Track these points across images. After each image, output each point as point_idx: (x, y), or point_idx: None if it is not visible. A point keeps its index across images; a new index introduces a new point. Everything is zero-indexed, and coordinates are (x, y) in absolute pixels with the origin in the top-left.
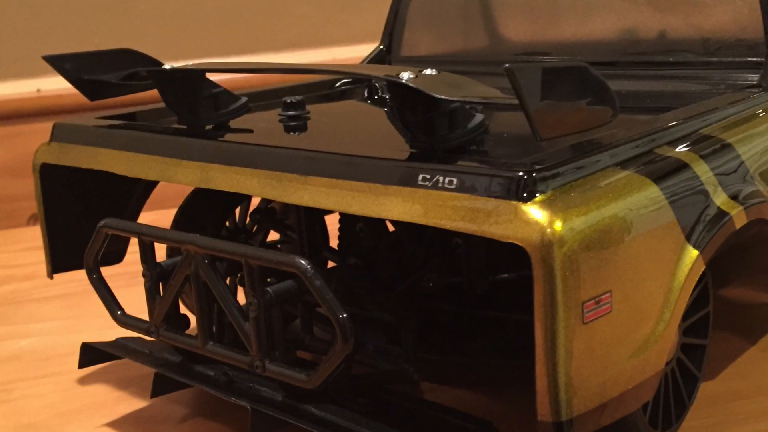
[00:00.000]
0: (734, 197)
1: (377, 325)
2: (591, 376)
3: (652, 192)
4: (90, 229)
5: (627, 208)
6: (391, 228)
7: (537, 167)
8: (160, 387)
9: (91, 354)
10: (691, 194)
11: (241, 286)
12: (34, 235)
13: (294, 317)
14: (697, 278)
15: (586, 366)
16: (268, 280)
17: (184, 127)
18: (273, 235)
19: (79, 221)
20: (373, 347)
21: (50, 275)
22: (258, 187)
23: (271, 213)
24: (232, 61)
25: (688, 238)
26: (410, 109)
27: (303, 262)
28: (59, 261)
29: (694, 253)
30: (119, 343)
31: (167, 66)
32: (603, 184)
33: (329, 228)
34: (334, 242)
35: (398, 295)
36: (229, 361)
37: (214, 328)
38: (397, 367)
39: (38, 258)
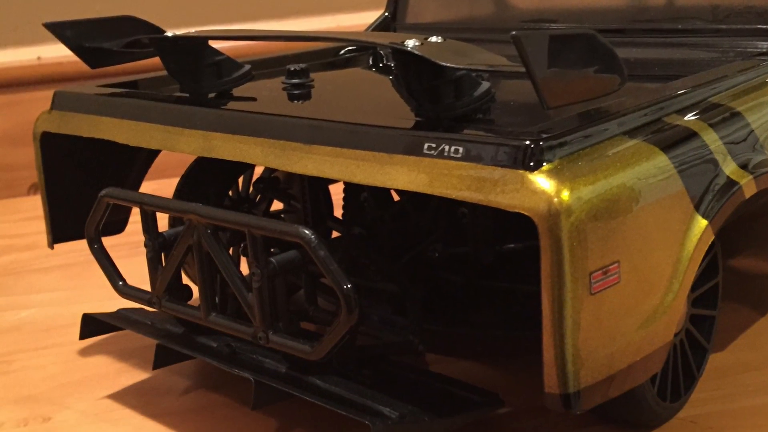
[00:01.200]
0: (744, 166)
1: (382, 296)
2: (599, 348)
3: (661, 161)
4: (91, 199)
5: (635, 177)
6: (396, 197)
7: (544, 136)
8: (162, 358)
9: (92, 325)
10: (700, 163)
11: (244, 256)
12: (35, 204)
13: (298, 288)
14: (706, 248)
15: (593, 337)
16: (272, 250)
17: (187, 95)
18: (276, 205)
19: (80, 191)
20: (377, 318)
21: (51, 245)
22: (261, 156)
23: (275, 182)
24: (235, 28)
25: (697, 208)
26: (415, 77)
27: (307, 232)
28: (60, 231)
29: (703, 222)
30: (121, 314)
31: (169, 33)
32: (611, 152)
33: (333, 197)
34: (338, 212)
35: (403, 265)
36: (232, 332)
37: (216, 299)
38: (402, 338)
39: (39, 228)
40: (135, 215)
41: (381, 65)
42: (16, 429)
